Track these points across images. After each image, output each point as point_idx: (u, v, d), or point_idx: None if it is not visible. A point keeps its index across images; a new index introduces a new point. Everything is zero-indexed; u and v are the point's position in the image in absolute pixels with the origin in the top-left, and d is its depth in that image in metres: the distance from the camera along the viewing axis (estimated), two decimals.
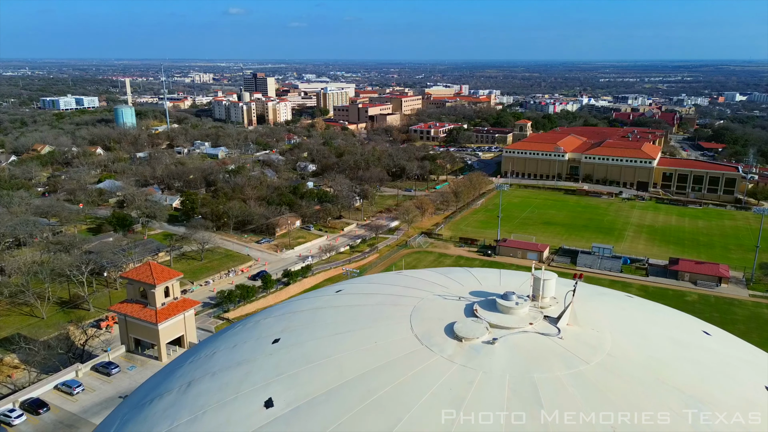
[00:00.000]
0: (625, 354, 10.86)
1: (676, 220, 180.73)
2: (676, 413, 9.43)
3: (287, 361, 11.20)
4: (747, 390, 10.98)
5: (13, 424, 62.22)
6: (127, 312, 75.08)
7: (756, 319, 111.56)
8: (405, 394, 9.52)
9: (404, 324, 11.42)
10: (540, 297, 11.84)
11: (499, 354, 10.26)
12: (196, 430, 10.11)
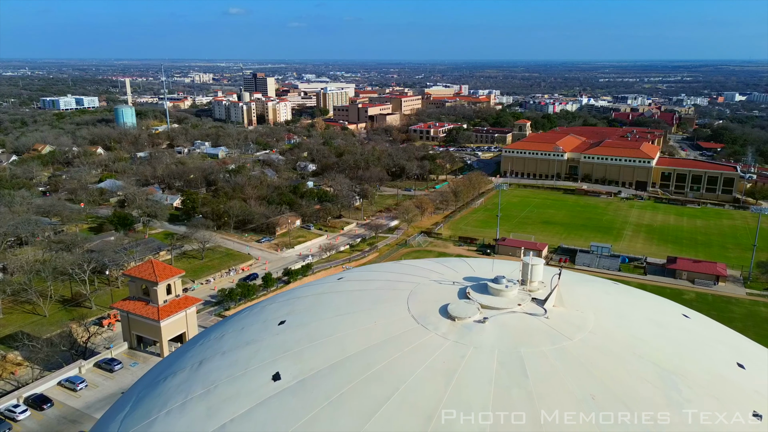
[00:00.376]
0: (606, 332, 11.70)
1: (674, 219, 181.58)
2: (651, 384, 10.24)
3: (293, 340, 12.04)
4: (719, 365, 11.79)
5: (17, 419, 63.05)
6: (129, 309, 75.91)
7: (753, 317, 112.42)
8: (402, 367, 10.35)
9: (402, 306, 12.24)
10: (528, 281, 12.66)
11: (489, 331, 11.09)
12: (209, 402, 10.95)
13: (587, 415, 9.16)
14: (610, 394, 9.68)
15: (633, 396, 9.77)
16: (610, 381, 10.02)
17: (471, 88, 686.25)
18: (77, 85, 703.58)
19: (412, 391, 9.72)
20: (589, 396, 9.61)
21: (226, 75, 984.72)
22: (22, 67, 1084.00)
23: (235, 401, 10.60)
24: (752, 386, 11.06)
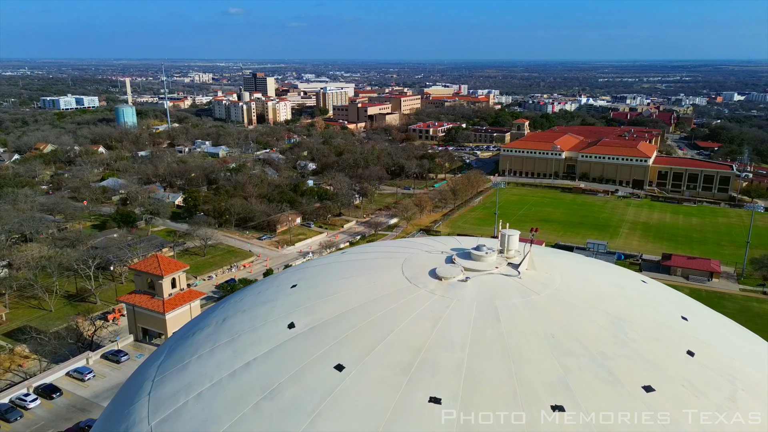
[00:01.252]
0: (570, 289, 13.68)
1: (670, 217, 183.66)
2: (603, 327, 12.23)
3: (304, 298, 14.04)
4: (665, 316, 13.78)
5: (28, 407, 65.07)
6: (135, 302, 77.92)
7: (745, 312, 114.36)
8: (396, 315, 12.35)
9: (397, 270, 14.26)
10: (506, 249, 14.65)
11: (470, 288, 13.10)
12: (234, 347, 12.93)
13: (547, 348, 11.18)
14: (567, 333, 11.68)
15: (586, 335, 11.76)
16: (568, 324, 12.02)
17: (470, 88, 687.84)
18: (77, 84, 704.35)
19: (404, 332, 11.73)
20: (550, 335, 11.60)
21: (226, 75, 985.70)
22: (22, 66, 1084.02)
23: (257, 345, 12.61)
24: (691, 333, 13.07)
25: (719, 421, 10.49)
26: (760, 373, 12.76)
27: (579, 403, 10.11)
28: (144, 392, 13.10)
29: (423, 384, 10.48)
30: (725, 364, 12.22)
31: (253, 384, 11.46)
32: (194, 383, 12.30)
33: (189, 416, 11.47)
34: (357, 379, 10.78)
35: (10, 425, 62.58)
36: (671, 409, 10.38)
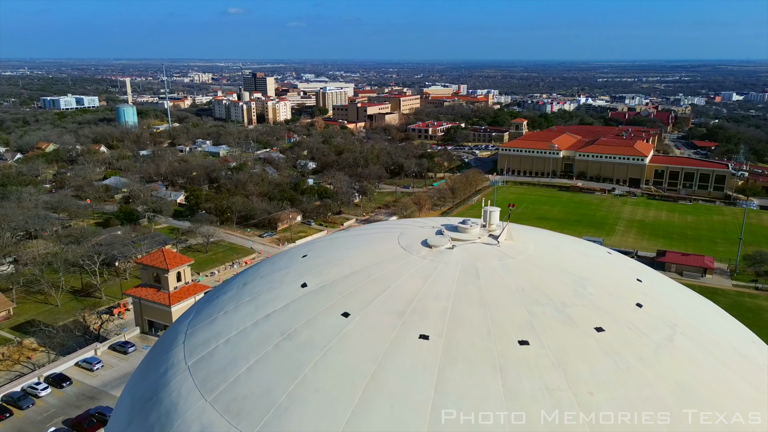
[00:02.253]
0: (541, 255, 15.90)
1: (666, 215, 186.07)
2: (566, 284, 14.41)
3: (314, 264, 16.28)
4: (621, 278, 16.00)
5: (39, 395, 67.34)
6: (141, 295, 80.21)
7: (737, 306, 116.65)
8: (392, 275, 14.58)
9: (394, 241, 16.50)
10: (488, 224, 16.92)
11: (456, 254, 15.33)
12: (255, 304, 15.12)
13: (518, 298, 13.45)
14: (535, 288, 13.90)
15: (551, 289, 13.96)
16: (537, 281, 14.25)
17: (470, 88, 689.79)
18: (77, 84, 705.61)
19: (399, 287, 13.98)
20: (521, 288, 13.82)
21: (225, 75, 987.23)
22: (21, 66, 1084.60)
23: (275, 301, 14.83)
24: (643, 290, 15.29)
25: (657, 355, 12.74)
26: (701, 324, 15.05)
27: (541, 338, 12.38)
28: (179, 342, 15.35)
29: (414, 325, 12.76)
30: (669, 315, 14.47)
31: (273, 329, 13.73)
32: (223, 332, 14.57)
33: (220, 356, 13.74)
34: (360, 323, 13.06)
35: (23, 412, 64.83)
36: (617, 344, 12.64)
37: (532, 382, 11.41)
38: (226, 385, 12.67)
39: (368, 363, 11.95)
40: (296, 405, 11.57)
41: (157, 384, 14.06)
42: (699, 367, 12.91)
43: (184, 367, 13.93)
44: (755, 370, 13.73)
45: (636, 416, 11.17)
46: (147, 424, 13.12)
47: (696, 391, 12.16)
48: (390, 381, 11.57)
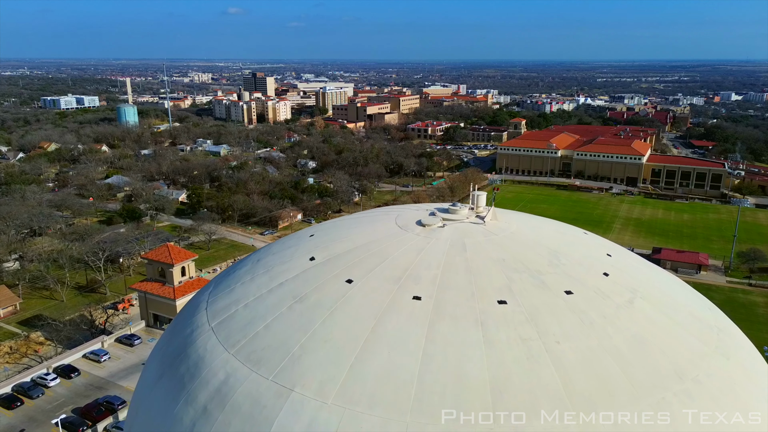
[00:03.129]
0: (521, 233, 17.85)
1: (662, 213, 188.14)
2: (541, 256, 16.29)
3: (320, 241, 18.22)
4: (593, 252, 17.95)
5: (48, 385, 69.34)
6: (147, 290, 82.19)
7: (730, 302, 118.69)
8: (390, 249, 16.50)
9: (391, 222, 18.47)
10: (476, 206, 18.93)
11: (446, 232, 17.25)
12: (269, 275, 17.00)
13: (498, 267, 15.43)
14: (514, 259, 15.83)
15: (528, 260, 15.89)
16: (516, 253, 16.20)
17: (469, 88, 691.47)
18: (77, 84, 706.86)
19: (395, 259, 15.93)
20: (501, 259, 15.76)
21: (225, 75, 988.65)
22: (21, 66, 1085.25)
23: (287, 272, 16.78)
24: (610, 263, 17.22)
25: (617, 313, 14.70)
26: (661, 292, 17.03)
27: (517, 299, 14.34)
28: (201, 309, 17.30)
29: (408, 289, 14.73)
30: (632, 282, 16.43)
31: (286, 294, 15.70)
32: (241, 299, 16.52)
33: (240, 318, 15.71)
34: (362, 288, 15.03)
35: (33, 401, 66.83)
36: (583, 305, 14.58)
37: (508, 333, 13.39)
38: (246, 340, 14.65)
39: (369, 319, 13.94)
40: (308, 353, 13.56)
41: (184, 343, 16.03)
42: (654, 324, 14.88)
43: (207, 329, 15.90)
44: (706, 329, 15.71)
45: (596, 361, 13.16)
46: (177, 376, 15.07)
47: (650, 343, 14.13)
48: (388, 333, 13.56)
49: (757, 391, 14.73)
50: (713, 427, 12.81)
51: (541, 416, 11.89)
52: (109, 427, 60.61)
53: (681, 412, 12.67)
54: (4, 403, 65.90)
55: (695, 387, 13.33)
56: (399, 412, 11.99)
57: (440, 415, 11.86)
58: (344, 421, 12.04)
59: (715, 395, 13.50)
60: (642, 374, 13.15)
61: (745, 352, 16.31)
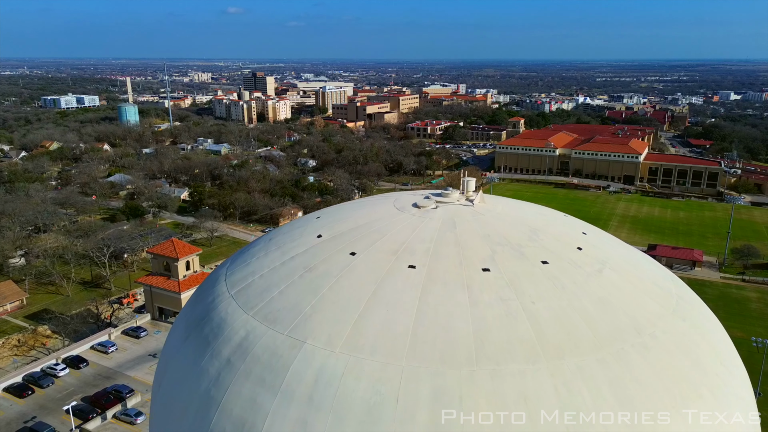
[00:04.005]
0: (506, 213, 19.84)
1: (658, 211, 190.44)
2: (522, 232, 18.24)
3: (326, 222, 20.21)
4: (569, 231, 19.94)
5: (58, 375, 71.47)
6: (152, 283, 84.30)
7: (724, 297, 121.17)
8: (388, 227, 18.49)
9: (390, 205, 20.50)
10: (465, 190, 21.05)
11: (439, 212, 19.25)
12: (281, 250, 18.97)
13: (484, 241, 17.54)
14: (498, 234, 17.85)
15: (510, 236, 17.90)
16: (500, 230, 18.20)
17: (468, 87, 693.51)
18: (77, 84, 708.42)
19: (392, 235, 17.95)
20: (486, 234, 17.78)
21: (225, 74, 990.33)
22: (21, 66, 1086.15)
23: (297, 248, 18.81)
24: (585, 240, 19.24)
25: (587, 280, 16.71)
26: (630, 265, 19.10)
27: (499, 267, 16.39)
28: (221, 281, 19.36)
29: (404, 259, 16.77)
30: (603, 256, 18.41)
31: (297, 266, 17.75)
32: (257, 271, 18.59)
33: (256, 286, 17.76)
34: (364, 259, 17.08)
35: (44, 390, 68.95)
36: (557, 273, 16.55)
37: (490, 295, 15.46)
38: (263, 303, 16.71)
39: (370, 284, 16.03)
40: (317, 313, 15.65)
41: (207, 309, 18.09)
42: (619, 290, 16.94)
43: (228, 296, 17.97)
44: (666, 296, 17.77)
45: (565, 318, 15.24)
46: (202, 336, 17.13)
47: (613, 305, 16.19)
48: (386, 295, 15.63)
49: (709, 348, 16.86)
50: (664, 371, 14.91)
51: (517, 361, 14.01)
52: (118, 414, 62.70)
53: (637, 360, 14.79)
54: (15, 391, 68.02)
55: (651, 340, 15.44)
56: (396, 358, 14.09)
57: (430, 360, 13.99)
58: (349, 365, 14.15)
59: (669, 348, 15.60)
60: (604, 329, 15.25)
61: (703, 317, 18.41)
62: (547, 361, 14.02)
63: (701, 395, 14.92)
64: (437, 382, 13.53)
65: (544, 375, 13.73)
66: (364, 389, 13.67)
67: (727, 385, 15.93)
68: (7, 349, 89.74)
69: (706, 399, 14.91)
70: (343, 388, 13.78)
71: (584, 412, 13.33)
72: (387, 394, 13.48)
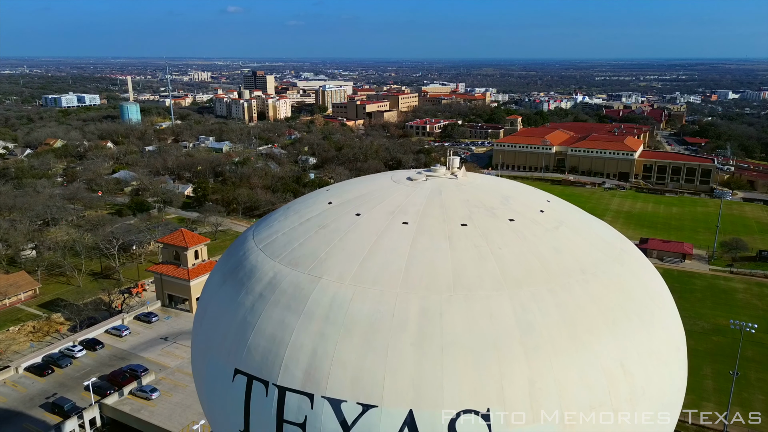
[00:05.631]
0: (484, 184, 23.94)
1: (652, 207, 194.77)
2: (496, 198, 22.36)
3: (335, 192, 24.22)
4: (535, 198, 23.94)
5: (76, 356, 75.68)
6: (163, 272, 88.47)
7: (712, 288, 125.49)
8: (387, 194, 22.56)
9: (388, 179, 24.55)
10: (451, 167, 25.28)
11: (428, 184, 23.27)
12: (298, 214, 23.09)
13: (463, 205, 21.76)
14: (475, 200, 21.92)
15: (485, 201, 21.94)
16: (477, 196, 22.26)
17: (468, 86, 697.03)
18: (77, 83, 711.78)
19: (390, 200, 21.98)
20: (466, 200, 21.82)
21: (224, 73, 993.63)
22: (20, 65, 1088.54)
23: (312, 212, 22.90)
24: (547, 206, 23.37)
25: (545, 234, 20.88)
26: (584, 225, 23.27)
27: (474, 223, 20.50)
28: (249, 239, 23.50)
29: (399, 218, 20.88)
30: (561, 217, 22.48)
31: (313, 224, 21.89)
32: (279, 230, 22.73)
33: (280, 241, 21.88)
34: (367, 218, 21.23)
35: (63, 370, 73.16)
36: (521, 228, 20.71)
37: (466, 242, 19.63)
38: (286, 252, 20.87)
39: (372, 236, 20.20)
40: (330, 257, 19.83)
41: (240, 259, 22.26)
42: (571, 241, 21.08)
43: (257, 249, 22.13)
44: (610, 248, 21.91)
45: (525, 260, 19.42)
46: (237, 279, 21.29)
47: (564, 252, 20.30)
48: (385, 243, 19.80)
49: (641, 287, 21.02)
50: (600, 300, 19.14)
51: (485, 288, 18.22)
52: (134, 391, 66.86)
53: (579, 291, 19.01)
54: (36, 371, 72.22)
55: (592, 278, 19.63)
56: (392, 287, 18.28)
57: (418, 288, 18.21)
58: (356, 293, 18.34)
59: (606, 284, 19.78)
60: (555, 268, 19.42)
61: (640, 266, 22.60)
62: (508, 289, 18.23)
63: (630, 319, 19.13)
64: (423, 303, 17.75)
65: (505, 299, 17.95)
66: (367, 309, 17.90)
67: (654, 314, 20.14)
68: (23, 335, 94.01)
69: (633, 322, 19.12)
70: (351, 309, 18.01)
71: (534, 325, 17.56)
72: (385, 312, 17.71)
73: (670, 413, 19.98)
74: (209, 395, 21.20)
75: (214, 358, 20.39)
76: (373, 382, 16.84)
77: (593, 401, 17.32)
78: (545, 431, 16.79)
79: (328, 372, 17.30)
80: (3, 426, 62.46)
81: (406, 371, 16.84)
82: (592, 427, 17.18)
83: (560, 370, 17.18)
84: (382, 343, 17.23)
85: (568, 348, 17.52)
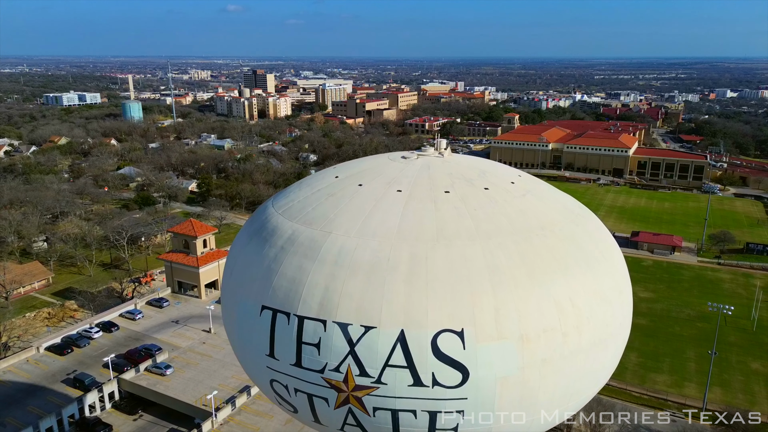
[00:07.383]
0: (465, 162, 28.58)
1: (645, 202, 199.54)
2: (474, 172, 26.81)
3: (340, 169, 28.76)
4: (509, 173, 28.45)
5: (93, 337, 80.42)
6: (173, 260, 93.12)
7: (699, 278, 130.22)
8: (384, 169, 27.08)
9: (385, 158, 29.12)
10: (439, 147, 29.94)
11: (419, 161, 27.68)
12: (310, 185, 27.72)
13: (447, 177, 26.48)
14: (457, 173, 26.44)
15: (465, 174, 26.52)
16: (459, 171, 26.75)
17: (467, 85, 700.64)
18: (77, 81, 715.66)
19: (387, 173, 26.52)
20: (449, 173, 26.31)
21: (224, 72, 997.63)
22: (20, 63, 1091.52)
23: (321, 184, 27.51)
24: (519, 179, 27.93)
25: (513, 199, 25.49)
26: (549, 194, 27.94)
27: (456, 191, 24.99)
28: (269, 207, 28.07)
29: (394, 186, 25.40)
30: (528, 187, 26.88)
31: (323, 193, 26.48)
32: (294, 199, 27.32)
33: (296, 206, 26.42)
34: (368, 187, 25.80)
35: (81, 350, 77.84)
36: (494, 195, 25.31)
37: (448, 205, 24.23)
38: (302, 215, 25.50)
39: (372, 201, 24.83)
40: (338, 217, 24.47)
41: (263, 222, 26.91)
42: (534, 206, 25.66)
43: (276, 214, 26.74)
44: (568, 213, 26.51)
45: (495, 218, 24.07)
46: (261, 236, 25.92)
47: (528, 213, 24.90)
48: (382, 207, 24.42)
49: (592, 243, 25.66)
50: (555, 249, 23.83)
51: (462, 239, 22.89)
52: (150, 367, 71.51)
53: (538, 242, 23.77)
54: (56, 350, 76.91)
55: (550, 233, 24.29)
56: (387, 239, 22.92)
57: (408, 239, 22.89)
58: (359, 244, 23.00)
59: (561, 238, 24.42)
60: (519, 225, 24.05)
61: (594, 228, 27.28)
62: (480, 240, 22.92)
63: (579, 266, 23.83)
64: (412, 250, 22.46)
65: (477, 247, 22.65)
66: (368, 255, 22.61)
67: (600, 263, 24.86)
68: (38, 320, 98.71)
69: (581, 268, 23.82)
70: (355, 255, 22.71)
71: (500, 266, 22.28)
72: (382, 257, 22.40)
73: (614, 342, 24.80)
74: (240, 330, 25.91)
75: (243, 299, 25.05)
76: (372, 309, 21.50)
77: (546, 325, 21.98)
78: (507, 346, 21.45)
79: (337, 303, 21.96)
80: (28, 398, 67.10)
81: (398, 301, 21.50)
82: (544, 344, 21.86)
83: (520, 300, 21.87)
84: (380, 280, 21.88)
85: (527, 284, 22.20)
